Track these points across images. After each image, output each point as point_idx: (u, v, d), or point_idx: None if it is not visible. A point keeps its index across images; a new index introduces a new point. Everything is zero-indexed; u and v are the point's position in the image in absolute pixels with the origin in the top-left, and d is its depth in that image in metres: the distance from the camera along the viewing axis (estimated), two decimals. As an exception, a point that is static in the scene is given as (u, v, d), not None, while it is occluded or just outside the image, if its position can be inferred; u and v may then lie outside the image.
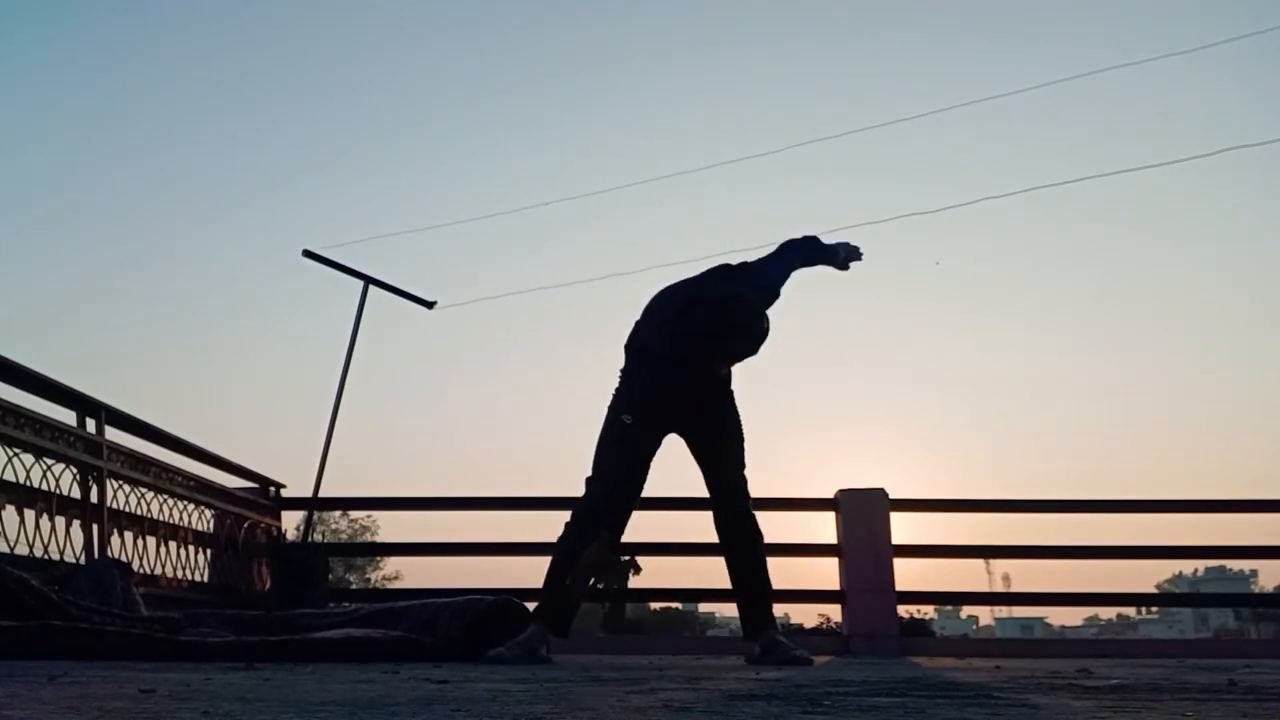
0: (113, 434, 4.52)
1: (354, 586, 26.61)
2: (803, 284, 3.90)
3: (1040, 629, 63.27)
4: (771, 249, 3.88)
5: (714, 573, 5.55)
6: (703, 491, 3.85)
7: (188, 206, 79.98)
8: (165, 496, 4.95)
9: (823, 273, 3.93)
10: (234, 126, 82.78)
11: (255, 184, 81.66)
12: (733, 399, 3.86)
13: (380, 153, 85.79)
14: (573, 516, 3.71)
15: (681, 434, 3.82)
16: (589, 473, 3.68)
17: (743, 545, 3.78)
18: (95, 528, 4.27)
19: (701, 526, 3.78)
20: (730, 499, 3.77)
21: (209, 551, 5.39)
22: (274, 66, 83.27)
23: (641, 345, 3.72)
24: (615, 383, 3.76)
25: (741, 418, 3.85)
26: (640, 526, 3.73)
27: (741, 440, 3.84)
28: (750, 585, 3.78)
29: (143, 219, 79.87)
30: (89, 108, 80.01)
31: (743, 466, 3.82)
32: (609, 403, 3.74)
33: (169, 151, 79.91)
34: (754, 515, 3.80)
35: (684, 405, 3.74)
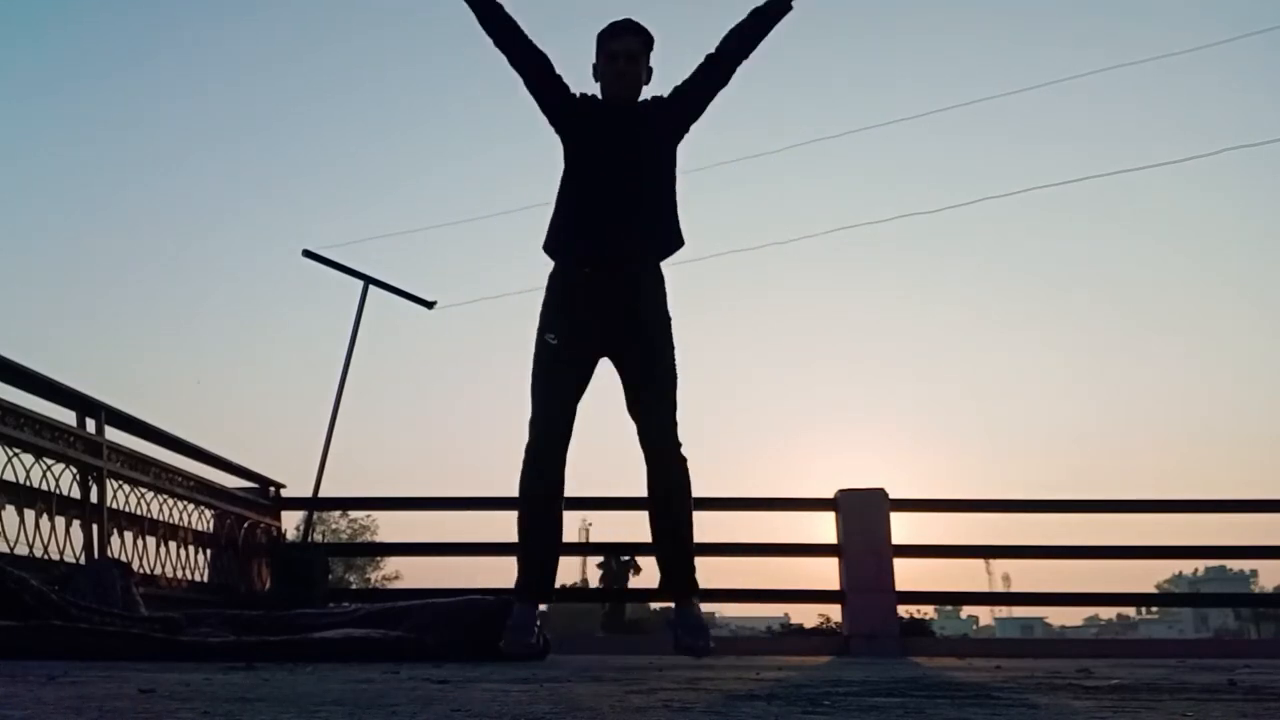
0: (113, 434, 4.52)
1: (354, 586, 26.61)
2: (802, 287, 3.86)
3: (1040, 629, 63.25)
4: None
5: (714, 572, 5.56)
6: (702, 491, 3.71)
7: (188, 207, 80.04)
8: (165, 496, 4.95)
9: (821, 271, 3.87)
10: (234, 127, 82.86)
11: (255, 184, 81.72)
12: (670, 332, 3.43)
13: (380, 153, 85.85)
14: (523, 461, 3.35)
15: (610, 354, 3.39)
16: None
17: (664, 498, 3.37)
18: (95, 528, 4.27)
19: (702, 525, 3.74)
20: (659, 437, 3.35)
21: (209, 551, 5.39)
22: (274, 67, 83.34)
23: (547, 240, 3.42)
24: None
25: (677, 363, 3.43)
26: (640, 526, 3.70)
27: (674, 384, 3.41)
28: (669, 545, 3.41)
29: (143, 219, 79.95)
30: (89, 109, 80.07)
31: (674, 409, 3.38)
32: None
33: (169, 152, 79.98)
34: (683, 459, 3.38)
35: (608, 313, 3.34)
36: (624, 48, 3.44)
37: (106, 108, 79.83)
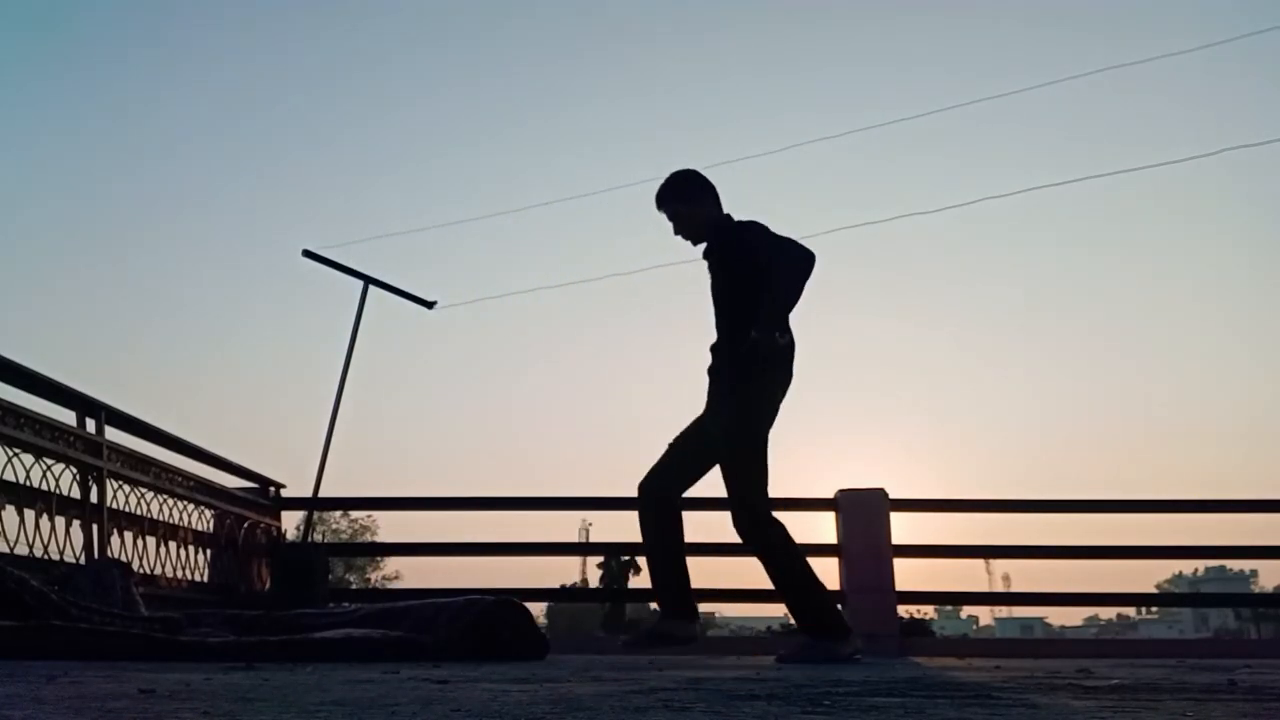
0: (113, 434, 4.52)
1: (354, 586, 26.63)
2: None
3: (1040, 629, 63.28)
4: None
5: (714, 572, 5.56)
6: (700, 491, 3.80)
7: (188, 206, 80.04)
8: (165, 496, 4.95)
9: (821, 271, 3.86)
10: (234, 126, 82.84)
11: (255, 183, 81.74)
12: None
13: (380, 152, 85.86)
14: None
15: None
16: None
17: (762, 558, 3.79)
18: (95, 528, 4.27)
19: (701, 526, 3.76)
20: (736, 514, 3.75)
21: (209, 551, 5.39)
22: (274, 66, 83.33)
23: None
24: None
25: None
26: (639, 526, 3.70)
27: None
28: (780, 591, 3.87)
29: (143, 219, 79.96)
30: (90, 108, 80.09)
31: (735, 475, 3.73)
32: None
33: (169, 151, 79.97)
34: (762, 527, 3.73)
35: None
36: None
37: (107, 107, 79.86)
